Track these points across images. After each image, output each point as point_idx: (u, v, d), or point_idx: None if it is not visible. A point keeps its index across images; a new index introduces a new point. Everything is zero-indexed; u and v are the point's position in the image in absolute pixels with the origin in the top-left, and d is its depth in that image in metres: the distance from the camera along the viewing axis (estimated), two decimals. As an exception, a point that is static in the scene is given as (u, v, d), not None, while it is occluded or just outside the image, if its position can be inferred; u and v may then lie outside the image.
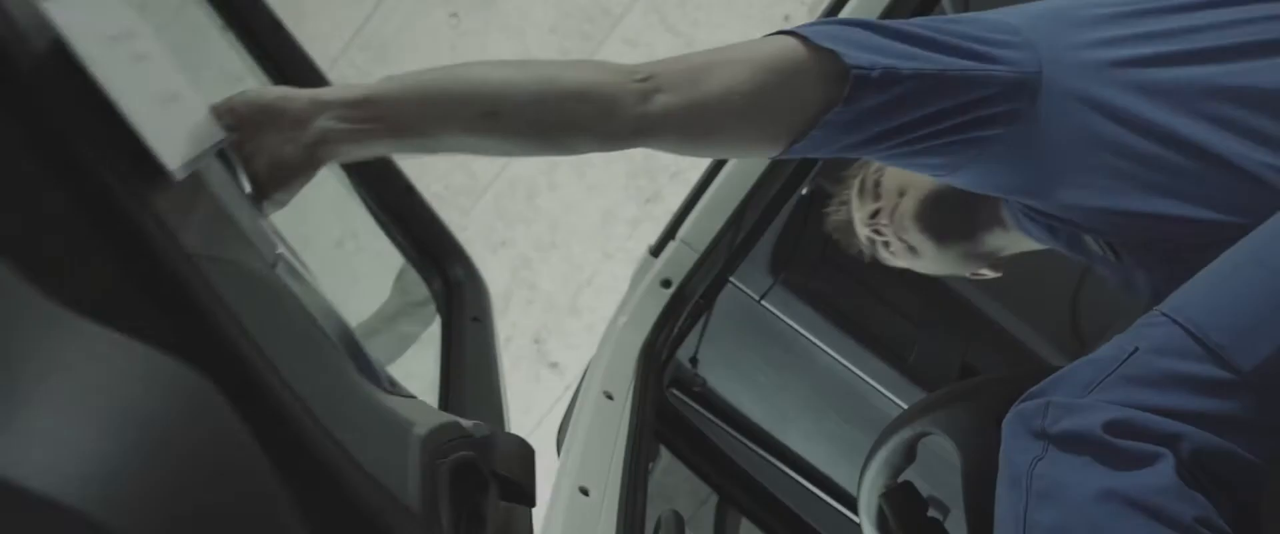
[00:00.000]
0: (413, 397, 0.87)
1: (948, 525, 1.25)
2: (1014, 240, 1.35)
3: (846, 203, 1.51)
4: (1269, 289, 0.90)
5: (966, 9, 1.93)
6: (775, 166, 1.62)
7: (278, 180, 0.88)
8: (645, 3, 3.07)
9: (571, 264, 3.20)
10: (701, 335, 2.05)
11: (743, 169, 1.65)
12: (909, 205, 1.37)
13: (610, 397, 1.51)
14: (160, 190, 0.56)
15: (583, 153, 0.98)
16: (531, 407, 3.14)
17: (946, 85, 1.00)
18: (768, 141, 1.02)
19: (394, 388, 0.89)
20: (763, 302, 2.18)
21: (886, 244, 1.44)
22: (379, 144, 0.91)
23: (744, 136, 1.01)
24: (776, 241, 2.15)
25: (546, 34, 3.10)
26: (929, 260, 1.42)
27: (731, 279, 1.88)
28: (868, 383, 2.22)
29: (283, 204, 0.90)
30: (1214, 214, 0.99)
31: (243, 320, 0.51)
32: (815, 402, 2.32)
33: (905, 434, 1.23)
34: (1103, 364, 0.91)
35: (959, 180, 1.12)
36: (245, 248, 0.66)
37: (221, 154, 0.77)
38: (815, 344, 2.21)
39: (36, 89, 0.48)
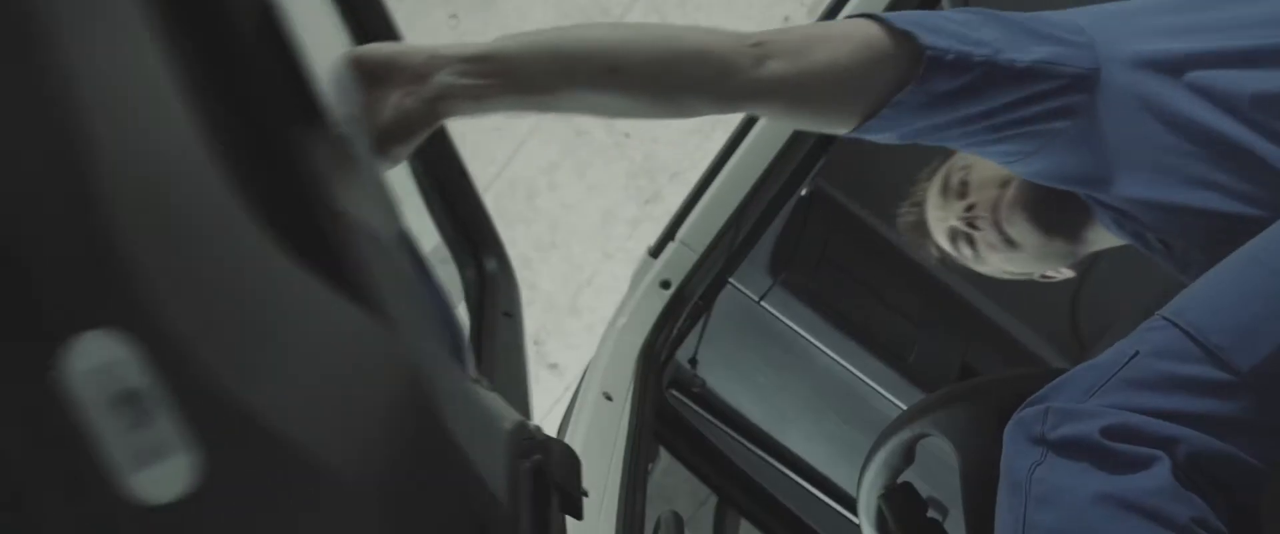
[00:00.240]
0: (493, 390, 0.86)
1: (947, 526, 1.26)
2: (1099, 235, 1.35)
3: (920, 204, 1.50)
4: (1268, 289, 0.90)
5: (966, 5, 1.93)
6: (774, 167, 1.63)
7: (397, 136, 0.88)
8: (645, 3, 3.07)
9: (571, 264, 3.20)
10: (701, 336, 2.05)
11: (742, 170, 1.65)
12: (1014, 195, 1.35)
13: (610, 398, 1.51)
14: (323, 140, 0.55)
15: (694, 114, 1.01)
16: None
17: (1014, 76, 1.03)
18: (847, 116, 1.05)
19: (479, 378, 0.88)
20: (762, 302, 2.18)
21: (971, 242, 1.41)
22: (498, 100, 0.92)
23: (833, 109, 1.05)
24: (776, 243, 2.15)
25: (546, 34, 3.10)
26: (1027, 254, 1.39)
27: (731, 280, 1.88)
28: (867, 384, 2.22)
29: (399, 160, 0.90)
30: (1257, 210, 1.01)
31: (379, 287, 0.51)
32: (815, 403, 2.32)
33: (904, 435, 1.23)
34: (1103, 369, 0.92)
35: (1025, 169, 1.14)
36: (377, 210, 0.66)
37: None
38: (814, 345, 2.21)
39: (243, 31, 0.48)
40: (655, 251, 1.75)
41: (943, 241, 1.46)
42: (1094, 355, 0.96)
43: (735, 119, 1.71)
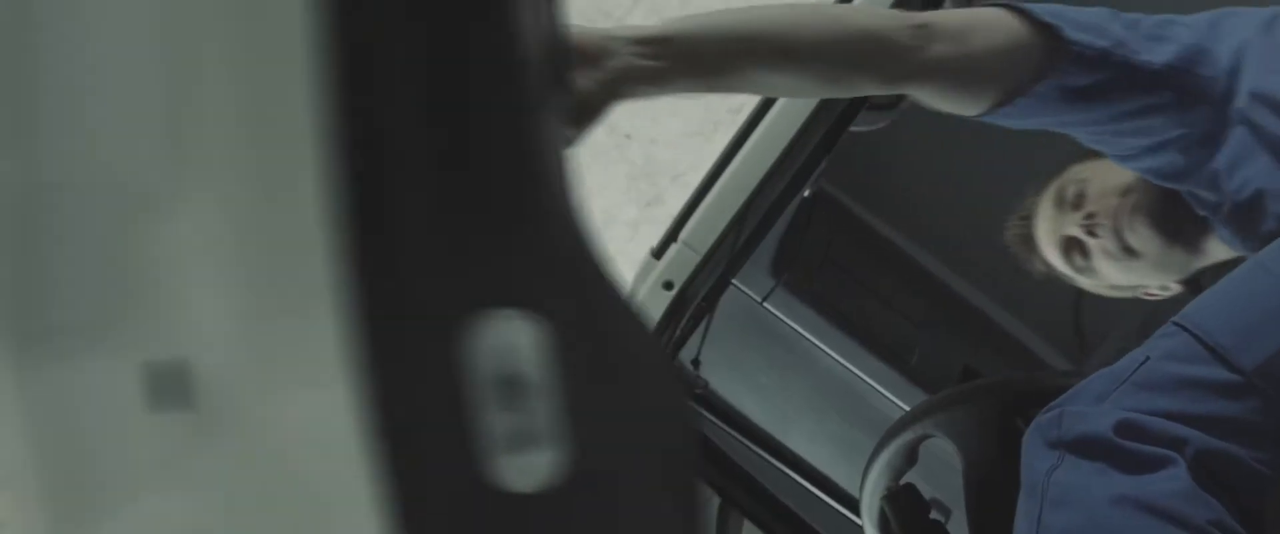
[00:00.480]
0: None
1: (949, 528, 1.25)
2: (1215, 246, 1.34)
3: (1028, 217, 1.50)
4: (1271, 291, 0.91)
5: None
6: (778, 169, 1.62)
7: (575, 118, 0.88)
8: (646, 6, 3.07)
9: (573, 266, 3.21)
10: (703, 338, 2.05)
11: (745, 171, 1.64)
12: (1136, 202, 1.35)
13: (612, 399, 1.50)
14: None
15: (858, 93, 1.07)
16: (533, 409, 3.14)
17: (1147, 78, 1.06)
18: (987, 101, 1.07)
19: None
20: (765, 304, 2.18)
21: (1085, 252, 1.41)
22: (673, 82, 0.93)
23: (979, 93, 1.07)
24: (779, 244, 2.15)
25: (548, 36, 3.10)
26: (1145, 263, 1.39)
27: (734, 281, 1.88)
28: (870, 385, 2.22)
29: (574, 144, 0.90)
30: None
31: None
32: (817, 404, 2.32)
33: (907, 437, 1.23)
34: (1115, 375, 0.93)
35: (1137, 165, 1.17)
36: None
37: None
38: (817, 346, 2.21)
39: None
40: (658, 253, 1.75)
41: (1052, 253, 1.46)
42: (1096, 358, 0.97)
43: (737, 119, 1.70)
